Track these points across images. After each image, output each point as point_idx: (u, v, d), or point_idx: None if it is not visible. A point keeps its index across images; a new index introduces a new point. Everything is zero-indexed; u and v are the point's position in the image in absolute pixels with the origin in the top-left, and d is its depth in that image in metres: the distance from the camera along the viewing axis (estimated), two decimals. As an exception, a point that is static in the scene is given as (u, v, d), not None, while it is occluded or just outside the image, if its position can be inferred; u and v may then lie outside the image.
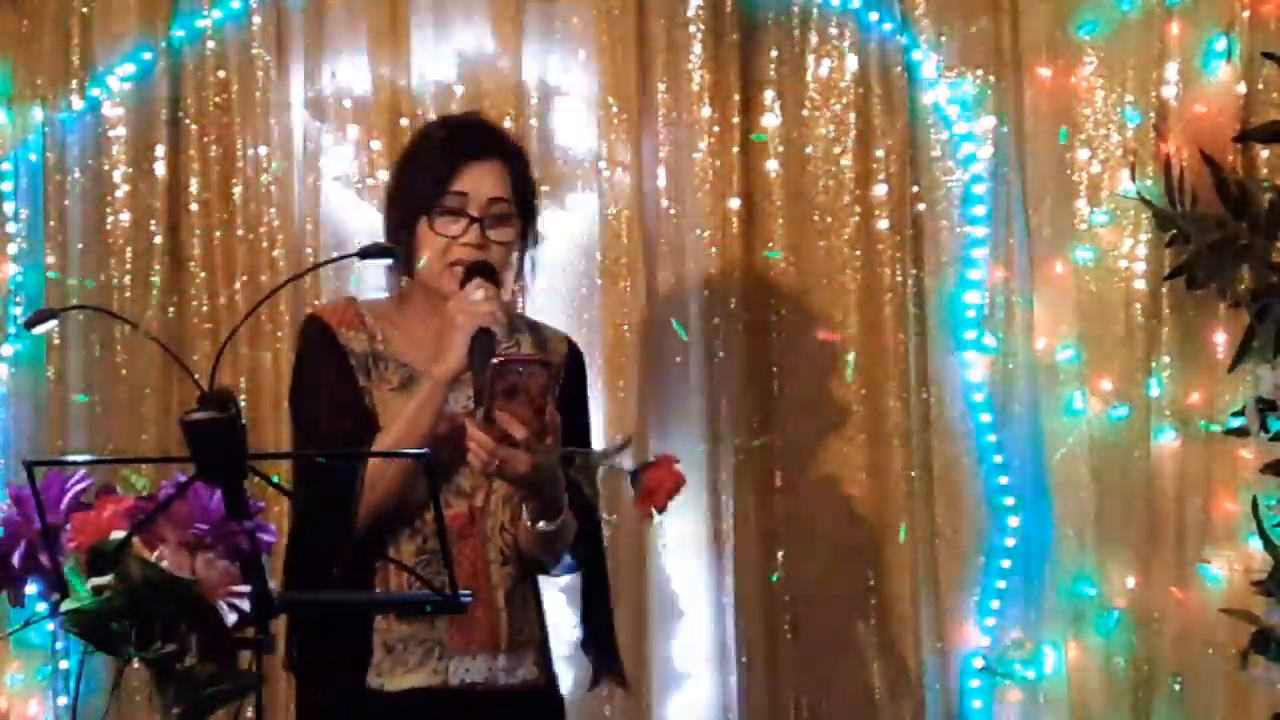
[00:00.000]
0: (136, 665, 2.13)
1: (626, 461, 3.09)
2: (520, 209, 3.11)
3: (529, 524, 3.00)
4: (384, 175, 3.91)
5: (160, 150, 4.11)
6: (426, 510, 3.00)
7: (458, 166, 3.06)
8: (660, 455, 3.27)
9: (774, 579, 4.10)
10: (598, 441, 3.39)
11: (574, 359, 3.23)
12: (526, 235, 3.16)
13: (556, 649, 3.25)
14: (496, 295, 2.98)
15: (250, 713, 3.34)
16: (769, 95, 4.14)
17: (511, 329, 3.15)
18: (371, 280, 3.59)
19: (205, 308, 4.10)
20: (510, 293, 3.19)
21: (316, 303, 4.06)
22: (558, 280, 4.11)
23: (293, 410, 3.12)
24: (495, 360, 2.81)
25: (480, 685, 3.03)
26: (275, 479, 2.84)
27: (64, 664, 3.99)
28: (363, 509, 2.93)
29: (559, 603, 3.44)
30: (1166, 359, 4.02)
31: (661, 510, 3.19)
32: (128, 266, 4.10)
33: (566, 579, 3.31)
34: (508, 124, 4.08)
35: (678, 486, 3.19)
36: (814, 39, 4.13)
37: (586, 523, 3.11)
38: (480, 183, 3.06)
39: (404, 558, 3.01)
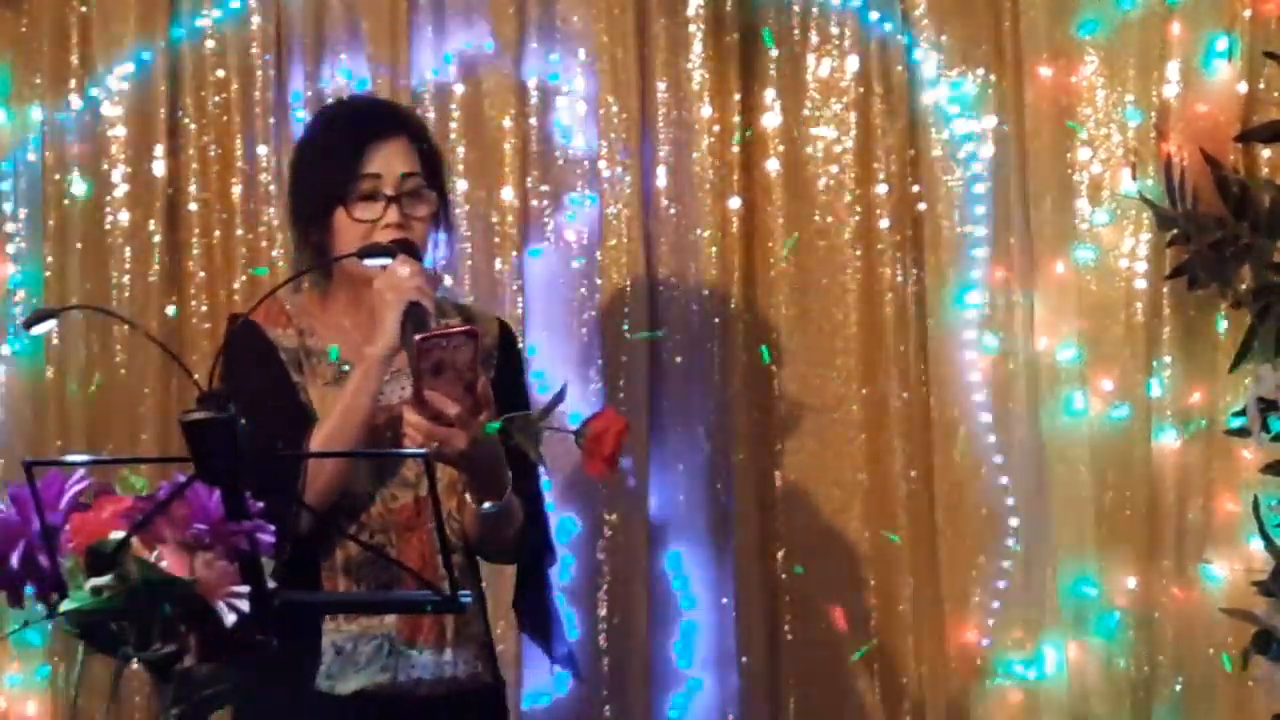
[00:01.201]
0: (135, 666, 2.12)
1: (567, 422, 3.03)
2: (431, 182, 3.07)
3: (473, 505, 2.96)
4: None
5: (159, 150, 4.11)
6: (371, 503, 2.98)
7: (365, 149, 3.01)
8: (600, 410, 3.19)
9: (774, 579, 4.10)
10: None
11: (506, 339, 3.19)
12: (440, 209, 3.12)
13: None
14: (423, 270, 2.94)
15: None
16: (769, 95, 4.14)
17: (440, 311, 3.09)
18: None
19: (204, 308, 4.10)
20: (433, 262, 3.13)
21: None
22: (558, 281, 4.11)
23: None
24: (417, 338, 2.75)
25: (429, 680, 3.00)
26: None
27: (62, 665, 3.99)
28: (308, 499, 2.89)
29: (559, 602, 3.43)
30: (1167, 359, 4.01)
31: (613, 466, 3.06)
32: (127, 266, 4.11)
33: (566, 580, 3.31)
34: (508, 124, 4.09)
35: (621, 434, 3.09)
36: (815, 38, 4.13)
37: (530, 502, 3.07)
38: (390, 161, 3.02)
39: (349, 551, 2.98)
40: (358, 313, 3.04)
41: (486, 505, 2.95)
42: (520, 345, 3.24)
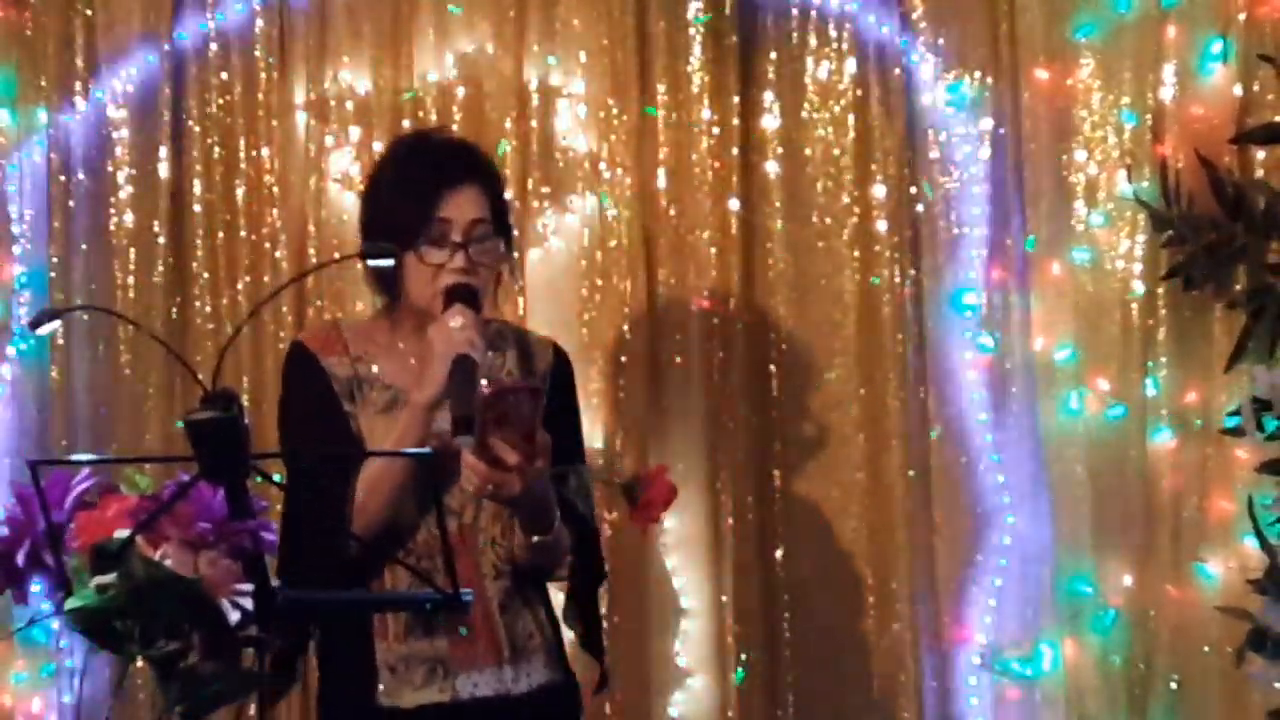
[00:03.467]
0: (140, 663, 2.13)
1: (617, 473, 3.12)
2: (497, 226, 3.11)
3: (522, 538, 3.03)
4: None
5: (163, 152, 4.13)
6: (417, 531, 3.03)
7: (439, 194, 3.04)
8: (654, 466, 3.31)
9: (773, 578, 4.11)
10: (593, 439, 3.40)
11: (560, 364, 3.23)
12: (506, 248, 3.16)
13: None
14: (475, 321, 2.97)
15: (252, 711, 3.38)
16: (768, 97, 4.16)
17: (500, 337, 3.17)
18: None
19: (208, 308, 4.12)
20: (493, 304, 3.18)
21: (323, 303, 4.08)
22: (558, 281, 4.13)
23: (282, 437, 3.11)
24: (487, 390, 2.85)
25: (493, 696, 3.04)
26: (277, 478, 2.87)
27: (68, 662, 4.00)
28: (359, 525, 2.94)
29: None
30: (1163, 359, 4.03)
31: (656, 524, 3.24)
32: (131, 267, 4.12)
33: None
34: (508, 125, 4.10)
35: (672, 497, 3.24)
36: (813, 41, 4.15)
37: (584, 530, 3.13)
38: (462, 209, 3.05)
39: (398, 579, 3.03)
40: (419, 344, 3.06)
41: (535, 538, 3.01)
42: (572, 371, 3.26)
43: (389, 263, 2.88)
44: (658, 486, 3.25)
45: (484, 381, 2.90)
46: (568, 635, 3.21)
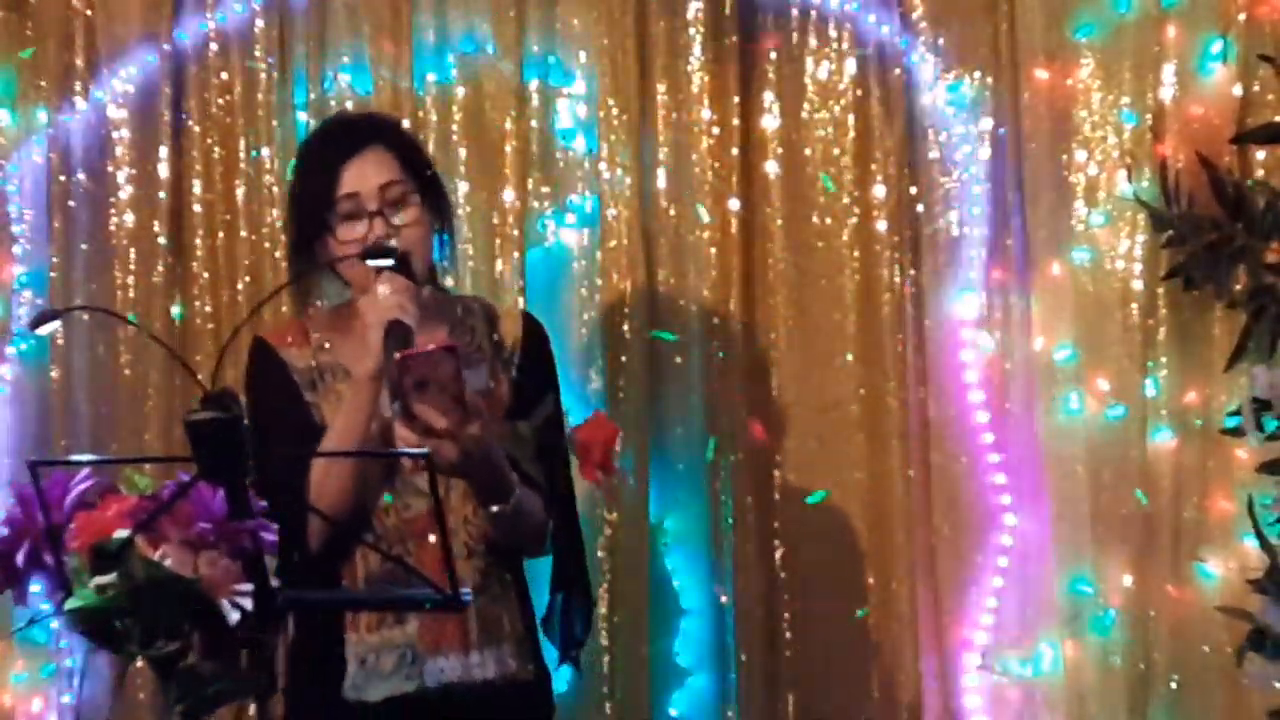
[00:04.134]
0: (140, 663, 2.14)
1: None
2: (419, 184, 3.07)
3: (481, 509, 3.00)
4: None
5: (163, 152, 4.13)
6: (386, 516, 3.02)
7: (338, 168, 3.02)
8: (591, 415, 3.26)
9: (773, 577, 4.11)
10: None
11: (531, 334, 3.19)
12: (438, 209, 3.13)
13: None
14: (405, 286, 2.94)
15: (252, 711, 3.39)
16: (768, 97, 4.16)
17: (466, 310, 3.14)
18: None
19: (208, 308, 4.12)
20: (425, 267, 3.11)
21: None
22: (558, 281, 4.13)
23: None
24: (396, 357, 2.80)
25: (458, 683, 3.02)
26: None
27: (68, 662, 4.01)
28: (314, 523, 2.92)
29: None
30: (1163, 359, 4.03)
31: (606, 471, 3.16)
32: (131, 267, 4.13)
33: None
34: (508, 125, 4.11)
35: (611, 440, 3.16)
36: (813, 41, 4.15)
37: (557, 500, 3.11)
38: (365, 176, 3.03)
39: (370, 564, 3.02)
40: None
41: (493, 509, 2.99)
42: (547, 342, 3.23)
43: (389, 262, 2.87)
44: (591, 426, 3.15)
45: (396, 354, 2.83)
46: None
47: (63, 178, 4.13)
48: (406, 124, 4.07)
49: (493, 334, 3.17)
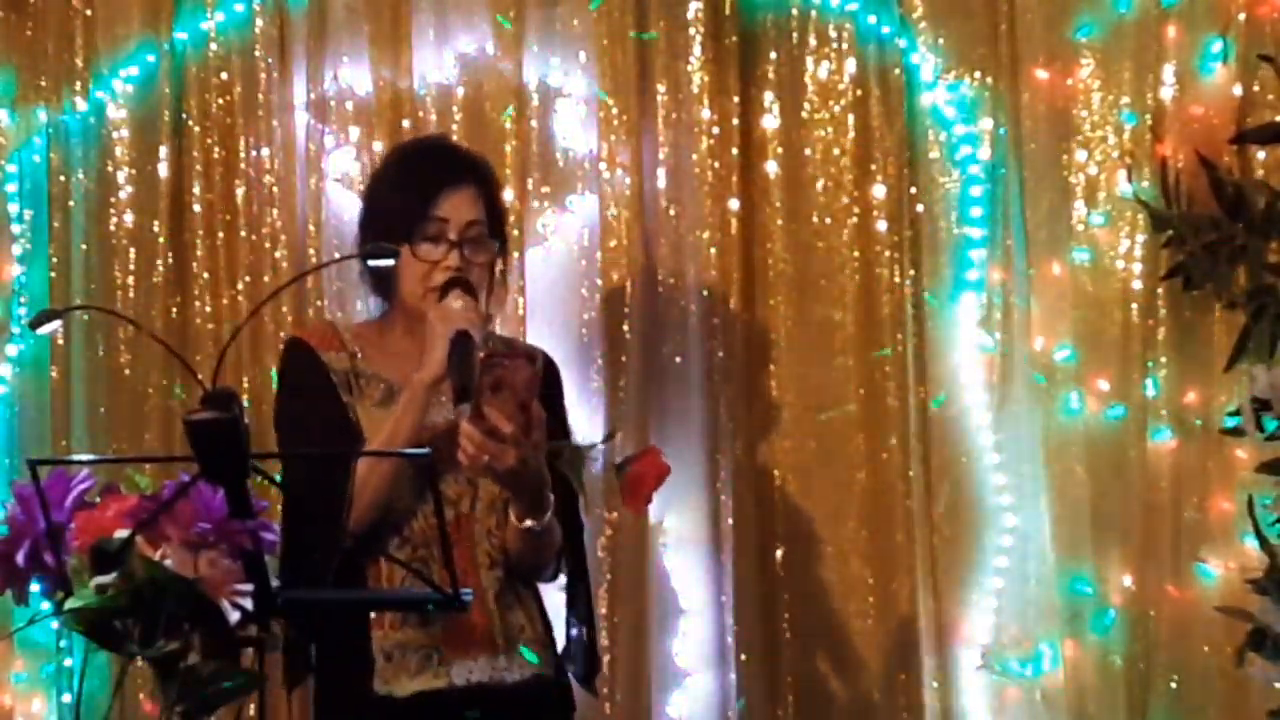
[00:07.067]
0: (140, 663, 2.14)
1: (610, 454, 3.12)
2: (492, 229, 3.19)
3: (515, 523, 3.04)
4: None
5: (163, 152, 4.14)
6: (414, 518, 3.07)
7: (437, 193, 3.14)
8: (645, 447, 3.30)
9: (772, 577, 4.11)
10: (594, 439, 3.40)
11: (549, 371, 3.27)
12: (499, 253, 3.24)
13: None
14: (475, 305, 3.06)
15: (252, 711, 3.38)
16: (768, 97, 4.16)
17: (488, 344, 3.20)
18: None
19: (208, 308, 4.12)
20: (487, 306, 3.22)
21: (323, 303, 4.08)
22: (558, 281, 4.13)
23: (279, 429, 3.14)
24: (480, 355, 2.90)
25: (487, 683, 3.08)
26: (278, 478, 2.88)
27: (68, 662, 4.00)
28: (353, 516, 2.98)
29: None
30: (1163, 359, 4.03)
31: (648, 503, 3.23)
32: (131, 267, 4.13)
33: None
34: (508, 125, 4.11)
35: (662, 477, 3.22)
36: (813, 41, 4.15)
37: (570, 531, 3.17)
38: (459, 209, 3.14)
39: (394, 567, 3.06)
40: (412, 342, 3.12)
41: (528, 523, 3.03)
42: (560, 380, 3.31)
43: (389, 262, 2.91)
44: (646, 461, 3.22)
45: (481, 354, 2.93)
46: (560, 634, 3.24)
47: (62, 178, 4.13)
48: (406, 124, 4.08)
49: None
